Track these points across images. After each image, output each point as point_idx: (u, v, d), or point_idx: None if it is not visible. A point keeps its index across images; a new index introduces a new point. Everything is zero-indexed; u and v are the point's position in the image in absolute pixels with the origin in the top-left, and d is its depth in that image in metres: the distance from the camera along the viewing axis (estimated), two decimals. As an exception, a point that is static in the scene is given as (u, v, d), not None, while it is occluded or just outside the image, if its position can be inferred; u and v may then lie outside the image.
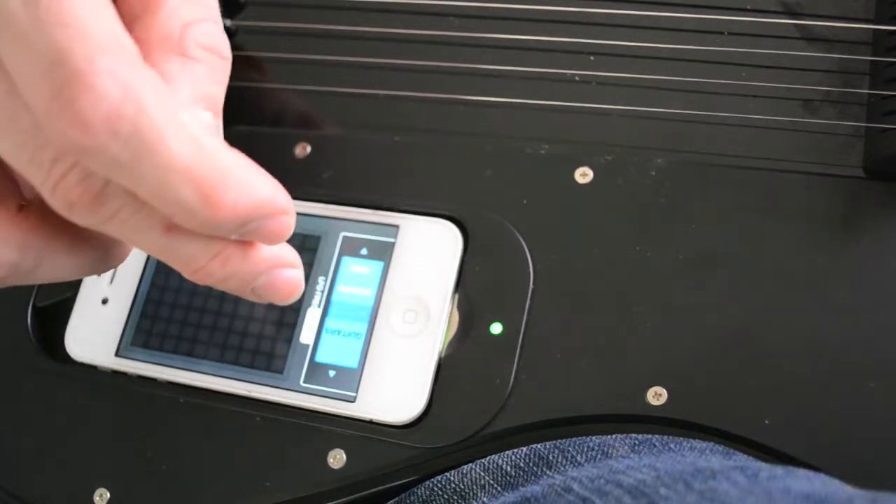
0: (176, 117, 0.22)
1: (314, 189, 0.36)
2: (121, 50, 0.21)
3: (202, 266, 0.24)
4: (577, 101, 0.36)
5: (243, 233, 0.24)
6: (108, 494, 0.34)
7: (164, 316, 0.35)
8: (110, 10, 0.21)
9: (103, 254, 0.26)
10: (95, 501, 0.34)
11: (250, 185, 0.23)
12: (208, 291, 0.35)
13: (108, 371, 0.36)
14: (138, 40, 0.23)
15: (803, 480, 0.26)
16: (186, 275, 0.25)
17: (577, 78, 0.36)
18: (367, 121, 0.38)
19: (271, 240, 0.24)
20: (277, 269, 0.26)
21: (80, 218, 0.23)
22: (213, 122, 0.24)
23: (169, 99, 0.22)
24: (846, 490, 0.26)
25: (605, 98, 0.36)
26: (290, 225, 0.24)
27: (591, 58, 0.37)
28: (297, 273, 0.26)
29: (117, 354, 0.35)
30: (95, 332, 0.36)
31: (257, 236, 0.24)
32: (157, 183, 0.21)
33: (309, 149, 0.37)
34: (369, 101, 0.38)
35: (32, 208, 0.25)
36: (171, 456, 0.34)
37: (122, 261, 0.27)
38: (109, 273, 0.36)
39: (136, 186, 0.22)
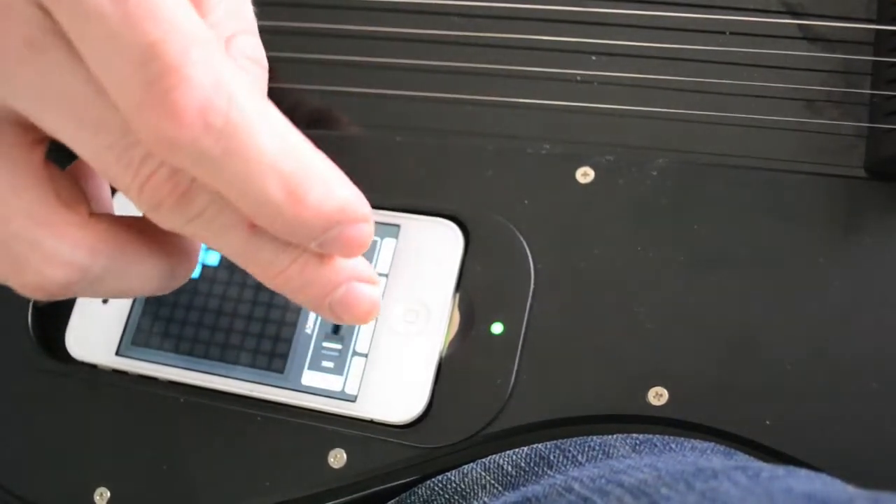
0: (264, 109, 0.21)
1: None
2: (209, 41, 0.21)
3: (282, 270, 0.24)
4: (579, 101, 0.36)
5: (323, 240, 0.23)
6: (109, 494, 0.34)
7: (164, 315, 0.35)
8: (188, 2, 0.21)
9: (170, 268, 0.26)
10: (96, 501, 0.34)
11: (335, 185, 0.22)
12: (209, 291, 0.35)
13: (109, 370, 0.36)
14: None
15: (804, 480, 0.26)
16: (265, 280, 0.24)
17: (578, 78, 0.36)
18: (368, 120, 0.38)
19: (349, 250, 0.23)
20: (356, 283, 0.25)
21: (166, 217, 0.23)
22: None
23: (256, 91, 0.21)
24: (847, 490, 0.26)
25: (606, 98, 0.36)
26: (369, 234, 0.23)
27: (593, 58, 0.37)
28: (375, 291, 0.25)
29: (118, 354, 0.35)
30: (96, 331, 0.36)
31: (336, 245, 0.23)
32: (243, 177, 0.21)
33: (310, 148, 0.37)
34: (371, 100, 0.38)
35: (103, 216, 0.25)
36: (171, 455, 0.34)
37: (186, 278, 0.27)
38: (110, 272, 0.36)
39: (222, 182, 0.21)
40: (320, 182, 0.22)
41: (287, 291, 0.25)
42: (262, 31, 0.27)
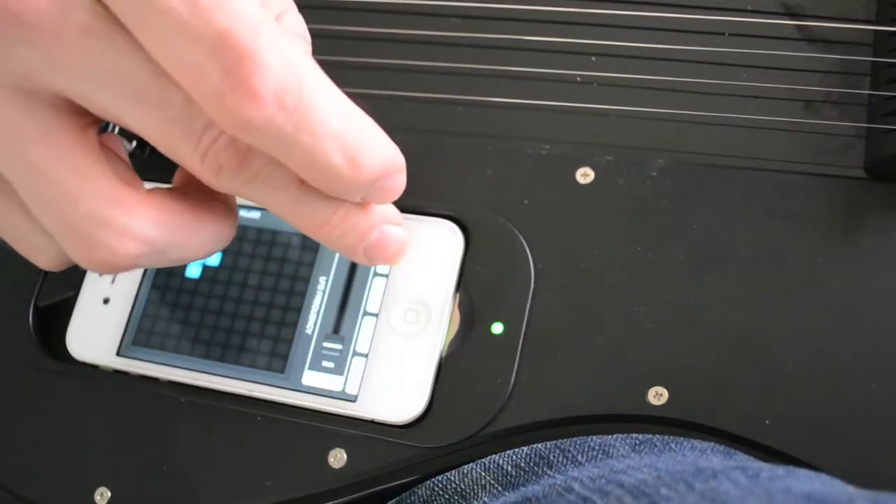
0: (328, 86, 0.23)
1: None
2: (271, 23, 0.22)
3: (326, 220, 0.26)
4: (579, 102, 0.36)
5: (367, 193, 0.25)
6: (109, 494, 0.34)
7: (165, 315, 0.35)
8: None
9: (220, 230, 0.28)
10: (96, 501, 0.34)
11: (382, 146, 0.24)
12: (209, 291, 0.35)
13: (110, 371, 0.36)
14: None
15: (804, 480, 0.26)
16: (310, 231, 0.26)
17: (578, 78, 0.36)
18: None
19: (388, 197, 0.26)
20: (386, 226, 0.27)
21: (226, 180, 0.24)
22: None
23: (317, 67, 0.23)
24: (847, 490, 0.26)
25: (606, 98, 0.36)
26: (404, 182, 0.26)
27: (593, 58, 0.37)
28: (402, 232, 0.28)
29: (118, 354, 0.35)
30: (97, 331, 0.36)
31: (377, 195, 0.26)
32: (309, 150, 0.23)
33: (310, 149, 0.37)
34: (371, 101, 0.38)
35: (156, 191, 0.26)
36: (171, 455, 0.34)
37: (232, 236, 0.28)
38: (111, 272, 0.36)
39: (288, 154, 0.23)
40: (372, 146, 0.24)
41: (329, 240, 0.27)
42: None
